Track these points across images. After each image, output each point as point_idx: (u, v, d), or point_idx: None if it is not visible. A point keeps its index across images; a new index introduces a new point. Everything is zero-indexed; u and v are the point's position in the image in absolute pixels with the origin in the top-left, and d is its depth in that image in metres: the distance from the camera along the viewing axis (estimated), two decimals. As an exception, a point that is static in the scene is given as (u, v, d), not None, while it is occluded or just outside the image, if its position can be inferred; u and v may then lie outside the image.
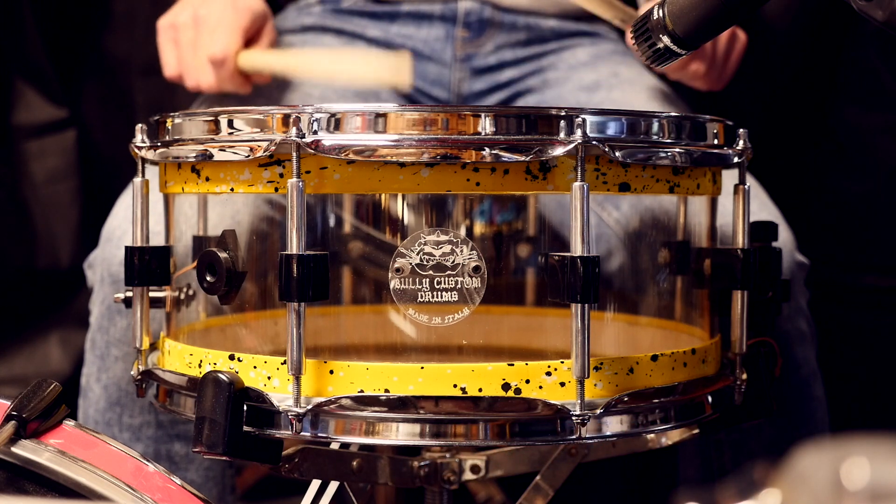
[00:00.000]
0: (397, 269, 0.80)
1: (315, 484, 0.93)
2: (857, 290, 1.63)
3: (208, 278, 0.84)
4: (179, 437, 1.20)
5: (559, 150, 0.77)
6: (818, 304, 1.28)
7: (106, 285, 1.18)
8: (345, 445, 0.94)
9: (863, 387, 1.60)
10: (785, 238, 1.18)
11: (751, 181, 1.24)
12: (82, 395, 1.22)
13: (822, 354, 1.27)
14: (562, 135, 0.78)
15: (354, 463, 0.95)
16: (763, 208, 1.20)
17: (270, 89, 1.33)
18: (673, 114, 0.84)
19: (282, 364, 0.80)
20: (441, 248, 0.80)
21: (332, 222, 1.06)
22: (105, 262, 1.18)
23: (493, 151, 0.77)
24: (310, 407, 0.78)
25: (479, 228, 1.06)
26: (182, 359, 0.87)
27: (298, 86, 1.35)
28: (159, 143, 0.88)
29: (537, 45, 1.43)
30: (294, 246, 0.77)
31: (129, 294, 0.90)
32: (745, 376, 0.90)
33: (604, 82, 1.36)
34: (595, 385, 0.80)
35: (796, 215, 1.28)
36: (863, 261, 1.65)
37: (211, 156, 0.83)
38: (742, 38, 1.36)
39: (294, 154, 0.77)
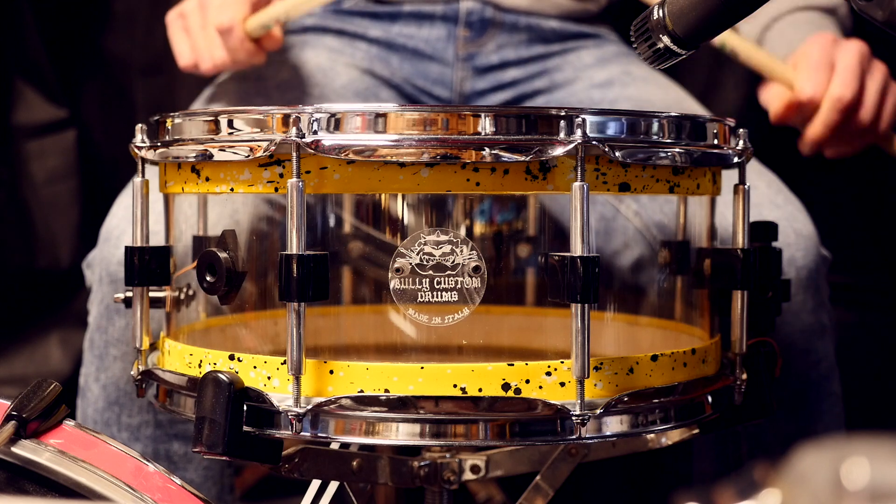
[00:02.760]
0: (397, 269, 0.80)
1: (315, 484, 0.93)
2: (857, 289, 1.63)
3: (208, 278, 0.84)
4: (178, 436, 1.20)
5: (559, 151, 0.77)
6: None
7: (104, 285, 1.17)
8: (345, 445, 0.94)
9: (862, 387, 1.60)
10: (810, 231, 1.19)
11: (772, 177, 1.25)
12: (81, 395, 1.22)
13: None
14: (562, 135, 0.78)
15: (354, 463, 0.95)
16: (788, 202, 1.20)
17: (270, 89, 1.33)
18: (673, 113, 0.84)
19: (282, 364, 0.80)
20: (441, 248, 0.80)
21: (332, 222, 1.06)
22: (103, 262, 1.18)
23: (493, 151, 0.77)
24: (310, 407, 0.78)
25: (479, 228, 1.06)
26: (182, 359, 0.87)
27: (298, 85, 1.35)
28: (159, 143, 0.87)
29: (540, 45, 1.43)
30: (294, 246, 0.77)
31: (129, 294, 0.90)
32: (745, 376, 0.90)
33: (617, 80, 1.36)
34: (595, 385, 0.80)
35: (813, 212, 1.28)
36: (861, 262, 1.65)
37: (211, 156, 0.83)
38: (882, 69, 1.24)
39: (294, 154, 0.77)
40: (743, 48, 1.20)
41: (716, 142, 0.87)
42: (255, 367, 0.82)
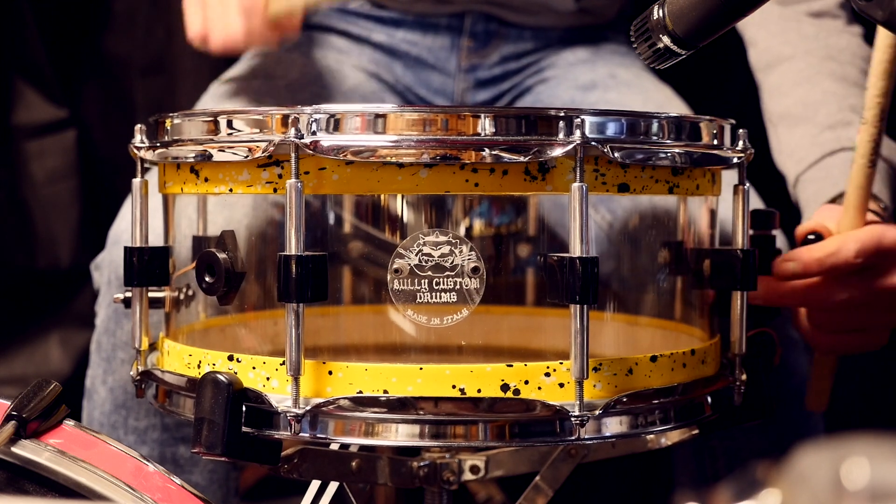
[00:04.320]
0: (396, 270, 0.80)
1: (315, 484, 0.93)
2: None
3: (207, 279, 0.84)
4: (185, 439, 1.20)
5: (558, 151, 0.77)
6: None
7: (113, 288, 1.18)
8: (344, 446, 0.94)
9: (859, 390, 1.60)
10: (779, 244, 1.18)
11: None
12: (87, 397, 1.22)
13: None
14: (561, 135, 0.78)
15: (354, 463, 0.95)
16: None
17: (279, 89, 1.32)
18: (672, 114, 0.84)
19: (280, 365, 0.80)
20: (440, 248, 0.80)
21: (331, 223, 1.05)
22: (112, 265, 1.18)
23: (493, 152, 0.77)
24: (308, 408, 0.78)
25: (477, 229, 1.06)
26: (181, 359, 0.87)
27: (307, 86, 1.34)
28: (158, 144, 0.87)
29: (542, 51, 1.43)
30: (293, 247, 0.77)
31: (129, 294, 0.90)
32: (744, 377, 0.90)
33: (600, 83, 1.35)
34: (594, 386, 0.80)
35: (791, 217, 1.28)
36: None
37: (210, 156, 0.82)
38: None
39: (292, 155, 0.77)
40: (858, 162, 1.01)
41: (715, 142, 0.87)
42: (253, 368, 0.82)
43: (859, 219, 1.01)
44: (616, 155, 0.79)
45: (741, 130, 0.90)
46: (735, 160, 0.88)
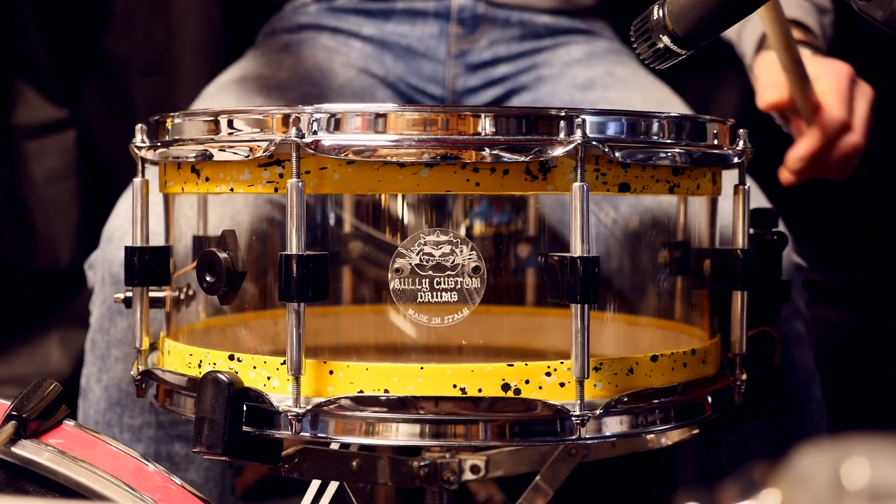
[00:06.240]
0: (397, 270, 0.80)
1: (315, 484, 0.93)
2: (854, 289, 1.63)
3: (208, 278, 0.84)
4: (180, 437, 1.20)
5: (559, 151, 0.77)
6: (814, 305, 1.28)
7: (107, 286, 1.18)
8: (345, 445, 0.94)
9: (860, 388, 1.60)
10: None
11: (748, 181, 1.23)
12: (82, 396, 1.22)
13: (819, 356, 1.26)
14: (561, 135, 0.78)
15: (354, 463, 0.95)
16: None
17: (270, 89, 1.33)
18: (673, 114, 0.84)
19: (281, 364, 0.80)
20: (441, 248, 0.80)
21: (331, 222, 1.06)
22: (106, 263, 1.18)
23: (493, 152, 0.77)
24: (309, 407, 0.78)
25: (478, 228, 1.06)
26: (182, 359, 0.87)
27: (297, 85, 1.35)
28: (159, 144, 0.87)
29: (531, 40, 1.44)
30: (294, 246, 0.77)
31: (129, 294, 0.90)
32: (744, 377, 0.90)
33: (599, 81, 1.36)
34: (595, 385, 0.80)
35: (794, 215, 1.28)
36: (860, 261, 1.65)
37: (211, 156, 0.83)
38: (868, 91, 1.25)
39: (293, 154, 0.77)
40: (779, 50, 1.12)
41: (716, 142, 0.87)
42: (254, 368, 0.82)
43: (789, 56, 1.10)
44: (617, 154, 0.79)
45: (741, 130, 0.90)
46: (735, 160, 0.88)
